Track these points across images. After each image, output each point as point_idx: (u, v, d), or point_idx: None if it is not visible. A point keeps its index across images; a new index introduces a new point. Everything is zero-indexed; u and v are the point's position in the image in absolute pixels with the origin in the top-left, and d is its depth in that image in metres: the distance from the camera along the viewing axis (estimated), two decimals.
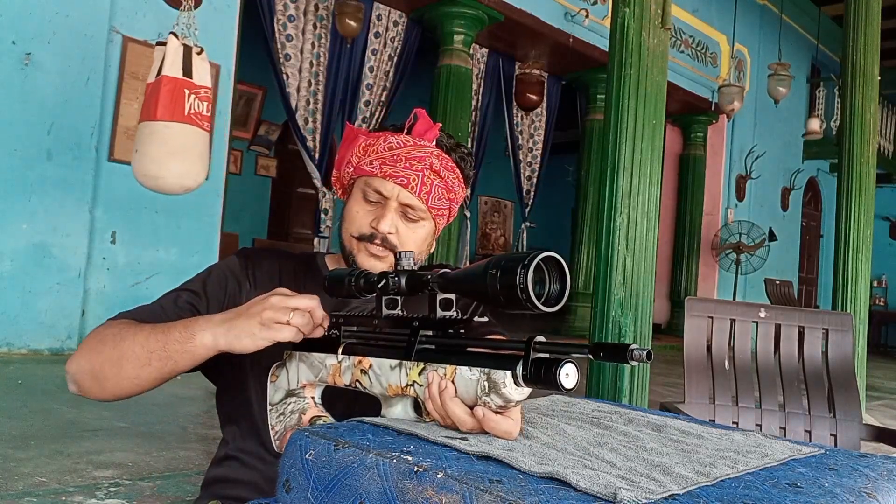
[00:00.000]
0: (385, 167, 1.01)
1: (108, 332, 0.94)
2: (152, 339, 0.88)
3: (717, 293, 9.36)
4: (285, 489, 0.64)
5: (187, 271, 5.00)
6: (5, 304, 3.92)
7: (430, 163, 1.02)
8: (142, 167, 3.37)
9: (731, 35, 8.88)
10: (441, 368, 0.71)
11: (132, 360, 0.89)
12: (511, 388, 0.64)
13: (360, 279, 0.82)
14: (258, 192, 8.88)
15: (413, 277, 0.78)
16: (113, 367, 0.90)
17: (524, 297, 0.62)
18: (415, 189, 1.01)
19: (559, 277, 0.65)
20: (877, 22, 4.08)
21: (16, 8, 3.97)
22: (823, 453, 0.75)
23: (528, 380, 0.64)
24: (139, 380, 0.90)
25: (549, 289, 0.65)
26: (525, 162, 7.86)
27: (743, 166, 9.66)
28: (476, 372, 0.67)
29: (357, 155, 1.05)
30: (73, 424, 2.64)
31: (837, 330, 1.95)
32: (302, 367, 0.91)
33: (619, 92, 2.39)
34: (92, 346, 0.94)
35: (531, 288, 0.62)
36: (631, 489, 0.53)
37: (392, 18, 6.38)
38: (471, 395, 0.68)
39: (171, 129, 3.31)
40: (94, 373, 0.92)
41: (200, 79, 3.43)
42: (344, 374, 0.85)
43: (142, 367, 0.88)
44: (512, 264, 0.63)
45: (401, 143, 1.02)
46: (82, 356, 0.94)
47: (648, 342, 2.38)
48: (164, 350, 0.87)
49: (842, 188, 4.03)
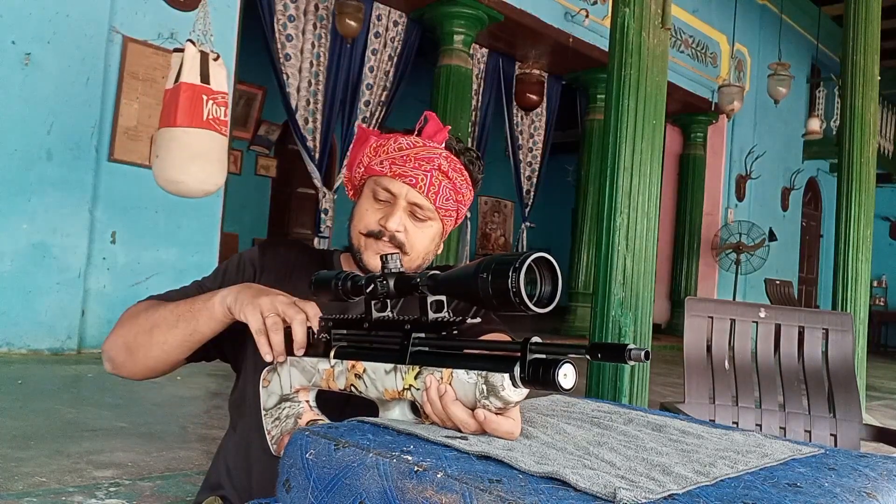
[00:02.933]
0: (395, 167, 1.03)
1: (140, 307, 1.04)
2: (182, 306, 0.97)
3: (717, 293, 9.36)
4: (285, 489, 0.64)
5: (187, 271, 5.01)
6: (5, 304, 3.92)
7: (438, 164, 1.04)
8: (163, 172, 3.48)
9: (731, 35, 8.88)
10: (437, 372, 0.70)
11: (162, 325, 0.97)
12: (510, 391, 0.64)
13: (347, 282, 0.83)
14: (258, 192, 8.88)
15: (402, 280, 0.77)
16: (145, 335, 0.99)
17: (517, 299, 0.62)
18: (423, 189, 1.03)
19: (550, 278, 0.65)
20: (877, 22, 4.08)
21: (16, 8, 3.97)
22: (823, 453, 0.75)
23: (525, 381, 0.63)
24: (167, 345, 0.97)
25: (541, 290, 0.65)
26: (525, 162, 7.86)
27: (743, 166, 9.66)
28: (473, 375, 0.67)
29: (368, 155, 1.07)
30: (73, 424, 2.64)
31: (837, 330, 1.95)
32: (294, 372, 0.91)
33: (619, 92, 2.39)
34: (125, 320, 1.03)
35: (523, 290, 0.61)
36: (630, 489, 0.53)
37: (392, 18, 6.38)
38: (469, 398, 0.67)
39: (190, 134, 3.43)
40: (127, 344, 1.01)
41: (218, 84, 3.54)
42: (338, 379, 0.84)
43: (169, 329, 0.97)
44: (503, 267, 0.62)
45: (410, 143, 1.04)
46: (117, 332, 1.03)
47: (648, 342, 2.38)
48: (190, 311, 0.95)
49: (842, 188, 4.03)
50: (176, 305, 0.97)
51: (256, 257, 1.12)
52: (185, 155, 3.43)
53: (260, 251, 1.13)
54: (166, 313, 0.97)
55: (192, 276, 1.17)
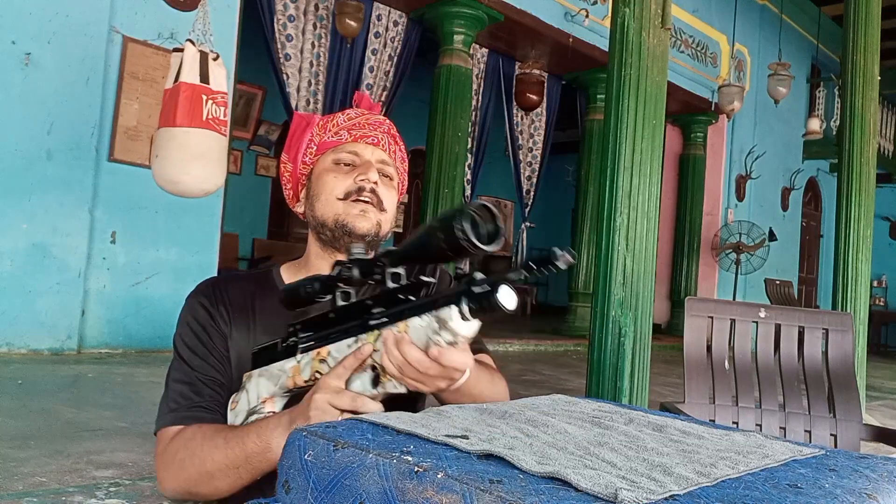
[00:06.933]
0: (354, 131, 1.07)
1: (180, 456, 0.94)
2: (231, 455, 0.89)
3: (717, 293, 9.36)
4: (284, 490, 0.64)
5: (187, 271, 4.99)
6: (5, 304, 3.92)
7: (387, 128, 1.10)
8: (163, 172, 3.47)
9: (731, 35, 8.88)
10: (395, 328, 0.77)
11: (221, 477, 0.91)
12: (458, 321, 0.71)
13: (315, 283, 0.87)
14: (258, 192, 8.89)
15: (362, 263, 0.83)
16: (206, 486, 0.93)
17: (466, 241, 0.69)
18: (385, 148, 1.08)
19: (491, 219, 0.72)
20: (877, 22, 4.08)
21: (16, 8, 3.97)
22: (824, 454, 0.75)
23: (472, 311, 0.70)
24: (236, 485, 0.92)
25: (485, 230, 0.71)
26: (525, 162, 7.86)
27: (743, 166, 9.66)
28: (426, 317, 0.74)
29: (317, 134, 1.08)
30: (73, 424, 2.64)
31: (837, 330, 1.95)
32: (262, 382, 0.92)
33: (619, 92, 2.39)
34: (174, 472, 0.95)
35: (470, 232, 0.69)
36: (632, 489, 0.53)
37: (392, 18, 6.38)
38: (423, 339, 0.74)
39: (190, 134, 3.43)
40: (190, 493, 0.95)
41: (217, 84, 3.53)
42: (304, 371, 0.87)
43: (233, 480, 0.91)
44: (448, 219, 0.70)
45: (358, 113, 1.10)
46: (170, 481, 0.96)
47: (648, 342, 2.38)
48: (248, 463, 0.88)
49: (842, 188, 4.03)
50: (225, 454, 0.89)
51: (212, 306, 1.04)
52: (185, 155, 3.42)
53: (208, 298, 1.05)
54: (221, 466, 0.90)
55: (192, 276, 1.16)
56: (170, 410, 0.99)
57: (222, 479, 0.91)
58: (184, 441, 0.95)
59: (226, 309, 1.03)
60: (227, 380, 1.01)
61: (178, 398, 1.00)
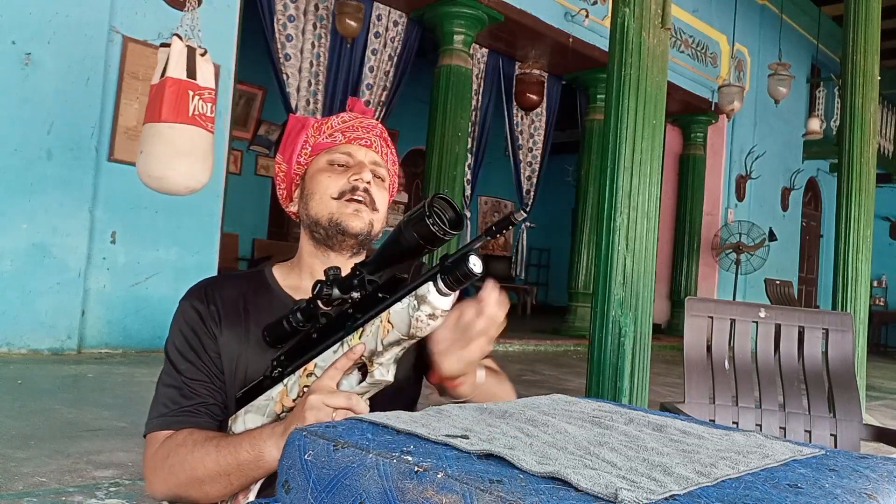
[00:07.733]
0: (348, 133, 1.09)
1: (170, 462, 0.95)
2: (222, 462, 0.90)
3: (717, 293, 9.36)
4: (285, 490, 0.64)
5: (187, 271, 4.97)
6: (5, 304, 3.92)
7: (379, 131, 1.13)
8: (147, 168, 3.39)
9: (731, 35, 8.88)
10: (378, 319, 0.82)
11: (211, 483, 0.92)
12: (435, 296, 0.77)
13: (297, 313, 0.90)
14: (258, 192, 8.88)
15: (342, 281, 0.87)
16: (196, 490, 0.94)
17: (437, 230, 0.78)
18: (377, 150, 1.11)
19: (450, 208, 0.80)
20: (877, 22, 4.08)
21: (16, 8, 3.97)
22: (824, 454, 0.75)
23: (447, 284, 0.76)
24: (226, 491, 0.93)
25: (448, 218, 0.80)
26: (525, 162, 7.86)
27: (743, 166, 9.66)
28: (405, 300, 0.79)
29: (312, 136, 1.10)
30: (73, 424, 2.64)
31: (837, 330, 1.95)
32: (248, 418, 0.94)
33: (619, 92, 2.39)
34: (163, 477, 0.95)
35: (438, 223, 0.78)
36: (632, 489, 0.53)
37: (392, 18, 6.38)
38: (405, 321, 0.79)
39: (175, 130, 3.34)
40: (180, 497, 0.96)
41: (204, 80, 3.45)
42: (291, 392, 0.89)
43: (224, 486, 0.92)
44: (416, 217, 0.79)
45: (352, 117, 1.12)
46: (160, 484, 0.97)
47: (648, 342, 2.38)
48: (239, 470, 0.90)
49: (842, 188, 4.03)
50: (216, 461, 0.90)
51: (203, 308, 1.03)
52: (170, 151, 3.33)
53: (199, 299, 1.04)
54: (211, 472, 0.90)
55: (192, 276, 1.16)
56: (159, 415, 1.01)
57: (212, 485, 0.92)
58: (174, 446, 0.96)
59: (216, 308, 1.03)
60: (218, 382, 1.02)
61: (167, 402, 1.01)
